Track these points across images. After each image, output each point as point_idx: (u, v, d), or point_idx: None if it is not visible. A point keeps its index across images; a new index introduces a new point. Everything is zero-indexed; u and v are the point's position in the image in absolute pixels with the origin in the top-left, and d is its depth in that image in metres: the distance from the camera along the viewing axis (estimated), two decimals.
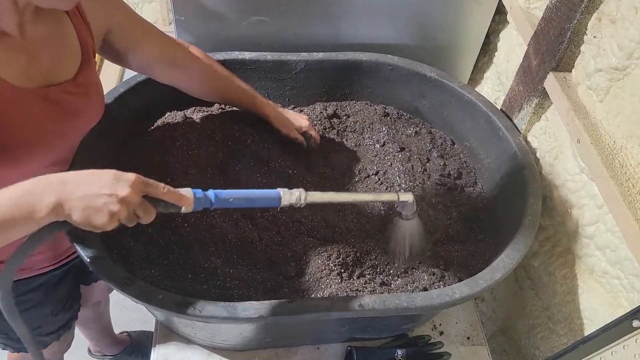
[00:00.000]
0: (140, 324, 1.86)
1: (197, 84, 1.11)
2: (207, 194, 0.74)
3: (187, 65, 1.06)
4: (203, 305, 0.83)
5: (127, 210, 0.67)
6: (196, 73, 1.08)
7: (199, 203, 0.73)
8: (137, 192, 0.67)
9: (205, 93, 1.14)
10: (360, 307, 0.86)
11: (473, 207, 1.18)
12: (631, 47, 0.88)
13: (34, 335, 1.14)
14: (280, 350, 1.13)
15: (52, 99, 0.82)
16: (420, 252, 1.03)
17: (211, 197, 0.74)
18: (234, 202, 0.76)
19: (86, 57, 0.88)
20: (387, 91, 1.34)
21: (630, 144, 0.90)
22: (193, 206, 0.72)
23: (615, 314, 0.96)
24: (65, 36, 0.84)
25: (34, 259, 1.01)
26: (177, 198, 0.71)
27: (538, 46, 1.12)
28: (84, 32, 0.87)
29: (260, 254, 1.01)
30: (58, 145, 0.87)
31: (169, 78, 1.07)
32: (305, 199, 0.82)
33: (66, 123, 0.86)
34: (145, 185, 0.69)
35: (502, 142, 1.18)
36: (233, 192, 0.76)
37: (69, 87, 0.85)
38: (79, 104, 0.87)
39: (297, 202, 0.81)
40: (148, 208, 0.69)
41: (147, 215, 0.69)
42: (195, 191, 0.73)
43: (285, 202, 0.80)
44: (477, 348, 1.18)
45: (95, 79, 0.91)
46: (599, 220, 1.01)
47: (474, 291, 0.90)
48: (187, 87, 1.11)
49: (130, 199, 0.67)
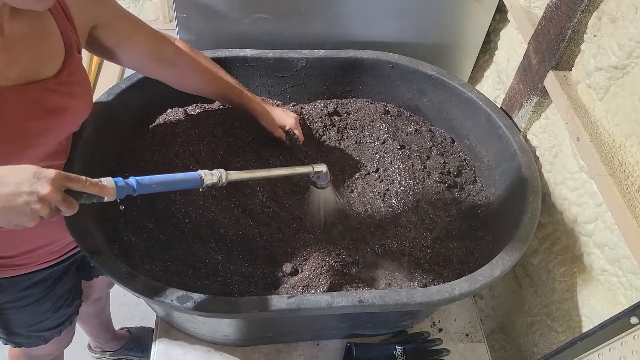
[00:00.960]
0: (140, 320, 1.86)
1: (185, 79, 1.09)
2: (128, 181, 0.74)
3: (174, 60, 1.04)
4: (204, 300, 0.84)
5: (49, 207, 0.66)
6: (184, 68, 1.07)
7: (122, 191, 0.73)
8: (58, 188, 0.66)
9: (193, 88, 1.13)
10: (360, 303, 0.87)
11: (473, 205, 1.18)
12: (631, 46, 0.89)
13: (35, 331, 1.14)
14: (280, 346, 1.14)
15: (30, 97, 0.80)
16: (335, 217, 1.10)
17: (133, 184, 0.74)
18: (157, 187, 0.77)
19: (69, 54, 0.85)
20: (387, 89, 1.35)
21: (630, 142, 0.91)
22: (115, 195, 0.72)
23: (613, 311, 0.97)
24: (47, 33, 0.82)
25: (36, 254, 1.01)
26: (99, 189, 0.70)
27: (538, 45, 1.12)
28: (67, 28, 0.85)
29: (261, 250, 1.02)
30: (42, 142, 0.86)
31: (158, 74, 1.06)
32: (227, 178, 0.85)
33: (48, 121, 0.84)
34: (67, 180, 0.67)
35: (502, 140, 1.18)
36: (154, 178, 0.77)
37: (50, 84, 0.83)
38: (62, 102, 0.85)
39: (218, 182, 0.84)
40: (70, 202, 0.67)
41: (69, 209, 0.68)
42: (116, 180, 0.72)
43: (207, 182, 0.83)
44: (476, 345, 1.19)
45: (80, 76, 0.89)
46: (598, 218, 1.01)
47: (473, 288, 0.90)
48: (175, 82, 1.09)
49: (52, 197, 0.65)
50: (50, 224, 0.96)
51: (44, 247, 1.01)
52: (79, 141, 0.98)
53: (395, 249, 1.07)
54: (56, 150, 0.91)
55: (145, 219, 1.00)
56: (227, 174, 0.86)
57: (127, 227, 0.99)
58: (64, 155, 0.95)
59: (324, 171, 1.02)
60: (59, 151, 0.92)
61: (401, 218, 1.11)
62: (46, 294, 1.08)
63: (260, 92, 1.32)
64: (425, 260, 1.06)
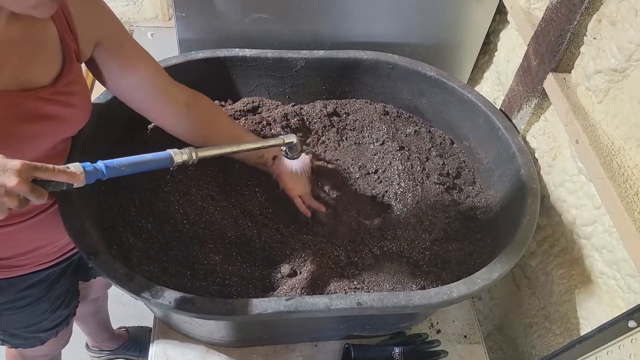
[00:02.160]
0: (138, 320, 1.86)
1: (201, 128, 1.02)
2: (96, 165, 0.73)
3: (189, 102, 0.98)
4: (202, 301, 0.84)
5: (18, 199, 0.65)
6: (203, 114, 1.00)
7: (91, 176, 0.71)
8: (26, 179, 0.64)
9: (209, 142, 1.01)
10: (358, 305, 0.87)
11: (471, 207, 1.18)
12: (631, 49, 0.89)
13: (32, 332, 1.14)
14: (278, 347, 1.14)
15: (22, 105, 0.78)
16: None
17: (102, 168, 0.73)
18: (126, 169, 0.76)
19: (68, 63, 0.83)
20: (387, 90, 1.35)
21: (629, 145, 0.91)
22: (85, 180, 0.71)
23: (611, 314, 0.97)
24: (45, 40, 0.80)
25: (33, 256, 1.00)
26: (68, 176, 0.68)
27: (538, 47, 1.12)
28: (68, 37, 0.82)
29: (259, 251, 1.02)
30: (34, 147, 0.84)
31: (166, 115, 0.99)
32: (197, 155, 0.84)
33: (41, 127, 0.82)
34: (33, 170, 0.65)
35: (501, 142, 1.18)
36: (123, 160, 0.76)
37: (45, 93, 0.81)
38: (58, 110, 0.83)
39: (189, 159, 0.83)
40: (39, 192, 0.66)
41: (39, 198, 0.66)
42: (84, 165, 0.71)
43: (177, 160, 0.82)
44: (474, 346, 1.19)
45: (80, 87, 0.87)
46: (597, 221, 1.01)
47: (471, 290, 0.90)
48: (188, 129, 1.01)
49: (19, 189, 0.63)
50: (47, 226, 0.97)
51: (41, 248, 1.00)
52: (78, 141, 0.98)
53: (393, 250, 1.07)
54: (50, 154, 0.89)
55: (144, 220, 1.00)
56: (196, 151, 0.84)
57: (125, 227, 0.99)
58: (61, 158, 0.94)
59: (295, 142, 1.00)
60: (54, 154, 0.90)
61: (400, 220, 1.11)
62: (44, 295, 1.08)
63: (260, 92, 1.32)
64: (423, 262, 1.06)
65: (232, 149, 0.93)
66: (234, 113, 1.23)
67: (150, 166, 0.80)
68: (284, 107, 1.28)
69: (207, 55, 1.24)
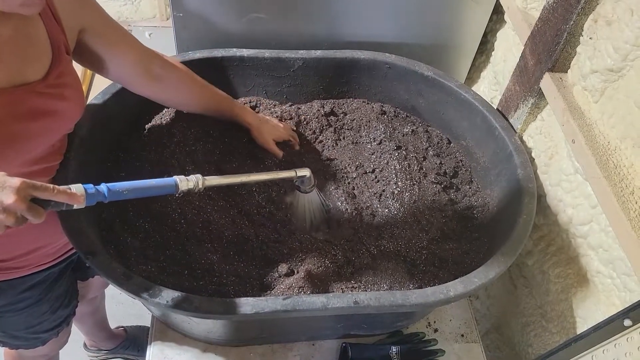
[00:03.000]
0: (136, 319, 1.86)
1: (174, 94, 1.08)
2: (99, 188, 0.72)
3: (163, 75, 1.03)
4: (199, 300, 0.84)
5: (15, 216, 0.65)
6: (173, 82, 1.05)
7: (92, 198, 0.71)
8: (24, 198, 0.64)
9: (182, 103, 1.12)
10: (355, 304, 0.87)
11: (468, 206, 1.19)
12: (626, 49, 0.89)
13: (33, 333, 1.14)
14: (275, 346, 1.14)
15: (18, 101, 0.78)
16: (320, 222, 1.11)
17: (104, 192, 0.72)
18: (129, 194, 0.75)
19: (58, 56, 0.84)
20: (384, 89, 1.35)
21: (624, 145, 0.91)
22: (85, 202, 0.70)
23: (607, 313, 0.97)
24: (34, 35, 0.80)
25: (31, 257, 1.00)
26: (68, 197, 0.68)
27: (535, 46, 1.12)
28: (55, 30, 0.83)
29: (257, 250, 1.02)
30: (34, 146, 0.84)
31: (146, 88, 1.04)
32: (203, 183, 0.84)
33: (38, 124, 0.83)
34: (32, 189, 0.65)
35: (498, 142, 1.18)
36: (127, 184, 0.75)
37: (38, 87, 0.81)
38: (52, 104, 0.84)
39: (194, 188, 0.83)
40: (37, 211, 0.66)
41: (36, 218, 0.66)
42: (86, 187, 0.71)
43: (182, 188, 0.81)
44: (471, 345, 1.20)
45: (71, 78, 0.87)
46: (593, 220, 1.02)
47: (468, 289, 0.91)
48: (164, 97, 1.08)
49: (17, 207, 0.63)
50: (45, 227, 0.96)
51: (39, 249, 1.00)
52: (74, 140, 0.98)
53: (390, 250, 1.07)
54: (49, 152, 0.89)
55: (141, 220, 1.00)
56: (203, 180, 0.84)
57: (123, 227, 0.99)
58: (58, 156, 0.94)
59: (308, 175, 1.01)
60: (53, 152, 0.91)
61: (397, 219, 1.11)
62: (43, 296, 1.08)
63: (257, 92, 1.32)
64: (420, 261, 1.06)
65: (242, 180, 0.93)
66: None
67: (154, 192, 0.80)
68: (281, 107, 1.29)
69: (205, 55, 1.24)
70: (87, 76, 2.52)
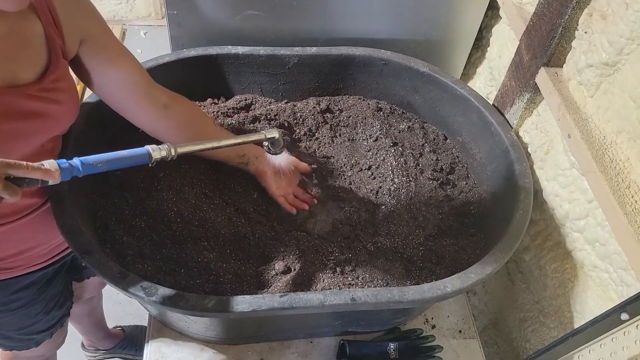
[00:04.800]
0: (134, 318, 1.86)
1: (180, 129, 1.00)
2: (72, 162, 0.71)
3: (170, 104, 0.97)
4: (196, 299, 0.84)
5: None
6: (180, 113, 0.99)
7: (66, 173, 0.70)
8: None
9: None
10: (352, 301, 0.87)
11: (465, 202, 1.19)
12: (621, 42, 0.89)
13: (26, 334, 1.13)
14: (273, 344, 1.14)
15: (8, 102, 0.77)
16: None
17: (77, 165, 0.72)
18: (102, 166, 0.75)
19: (55, 60, 0.83)
20: (380, 86, 1.35)
21: (620, 139, 0.91)
22: (60, 178, 0.70)
23: (604, 307, 0.97)
24: (30, 36, 0.79)
25: (24, 257, 0.99)
26: (42, 173, 0.67)
27: (530, 41, 1.12)
28: (54, 34, 0.82)
29: (253, 248, 1.02)
30: (21, 145, 0.83)
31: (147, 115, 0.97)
32: (176, 151, 0.83)
33: (27, 124, 0.81)
34: (6, 167, 0.64)
35: (494, 137, 1.18)
36: (99, 156, 0.74)
37: (31, 90, 0.80)
38: (44, 107, 0.83)
39: (167, 155, 0.82)
40: (12, 189, 0.65)
41: (12, 196, 0.65)
42: (59, 162, 0.70)
43: (155, 157, 0.80)
44: (469, 341, 1.20)
45: (67, 83, 0.86)
46: (589, 215, 1.02)
47: (465, 285, 0.91)
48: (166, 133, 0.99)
49: None
50: (38, 227, 0.96)
51: (32, 249, 1.00)
52: (70, 139, 0.98)
53: (387, 246, 1.07)
54: (38, 152, 0.88)
55: (137, 218, 0.99)
56: (175, 147, 0.83)
57: (119, 226, 0.98)
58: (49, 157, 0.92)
59: (277, 137, 0.99)
60: (42, 152, 0.89)
61: (394, 215, 1.11)
62: (37, 297, 1.08)
63: (253, 90, 1.32)
64: (417, 257, 1.06)
65: (213, 145, 0.91)
66: (226, 110, 1.23)
67: (128, 163, 0.78)
68: (277, 104, 1.28)
69: (200, 53, 1.23)
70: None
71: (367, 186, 1.18)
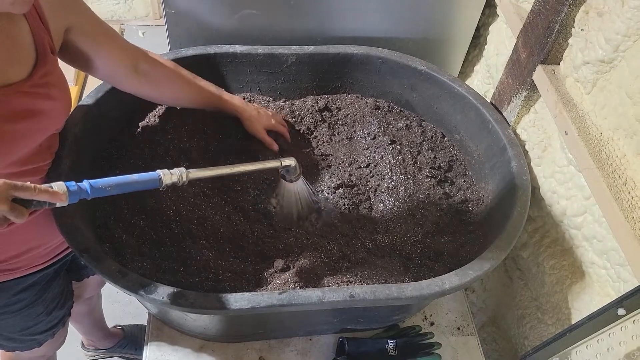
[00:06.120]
0: (133, 318, 1.86)
1: (162, 90, 1.08)
2: (81, 185, 0.72)
3: (151, 71, 1.03)
4: (195, 296, 0.84)
5: None
6: (160, 78, 1.05)
7: (75, 196, 0.70)
8: (6, 198, 0.64)
9: (171, 98, 1.12)
10: (351, 297, 0.87)
11: (463, 199, 1.19)
12: (618, 39, 0.89)
13: (28, 335, 1.14)
14: (272, 342, 1.14)
15: (2, 102, 0.77)
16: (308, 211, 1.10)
17: (86, 189, 0.72)
18: (112, 190, 0.75)
19: (43, 56, 0.83)
20: (378, 84, 1.35)
21: (617, 135, 0.92)
22: (68, 200, 0.70)
23: (602, 303, 0.98)
24: (18, 35, 0.79)
25: (24, 258, 0.99)
26: (50, 196, 0.67)
27: (527, 39, 1.13)
28: (40, 30, 0.82)
29: (252, 246, 1.02)
30: (18, 148, 0.83)
31: (135, 86, 1.04)
32: (187, 176, 0.83)
33: (24, 124, 0.81)
34: (14, 190, 0.64)
35: (491, 135, 1.19)
36: (109, 180, 0.75)
37: (23, 87, 0.80)
38: (38, 104, 0.83)
39: (179, 181, 0.82)
40: (19, 211, 0.65)
41: (18, 218, 0.66)
42: (68, 184, 0.70)
43: (166, 182, 0.81)
44: (468, 338, 1.20)
45: (56, 78, 0.87)
46: (587, 211, 1.02)
47: (463, 281, 0.91)
48: (153, 94, 1.08)
49: None
50: (37, 228, 0.96)
51: (33, 250, 1.00)
52: (67, 139, 0.98)
53: (386, 243, 1.07)
54: (37, 151, 0.88)
55: (136, 217, 1.00)
56: (187, 173, 0.83)
57: (118, 225, 0.99)
58: (47, 156, 0.93)
59: (293, 165, 1.00)
60: (40, 152, 0.90)
61: (392, 213, 1.12)
62: (38, 298, 1.08)
63: (251, 89, 1.32)
64: (416, 254, 1.07)
65: (227, 171, 0.92)
66: None
67: (138, 187, 0.78)
68: (275, 103, 1.29)
69: (198, 52, 1.24)
70: (81, 75, 2.51)
71: (365, 184, 1.19)
